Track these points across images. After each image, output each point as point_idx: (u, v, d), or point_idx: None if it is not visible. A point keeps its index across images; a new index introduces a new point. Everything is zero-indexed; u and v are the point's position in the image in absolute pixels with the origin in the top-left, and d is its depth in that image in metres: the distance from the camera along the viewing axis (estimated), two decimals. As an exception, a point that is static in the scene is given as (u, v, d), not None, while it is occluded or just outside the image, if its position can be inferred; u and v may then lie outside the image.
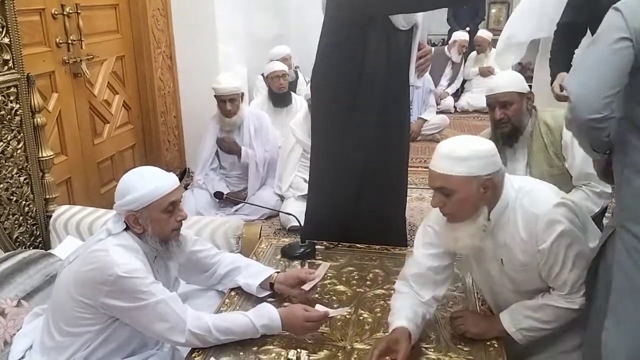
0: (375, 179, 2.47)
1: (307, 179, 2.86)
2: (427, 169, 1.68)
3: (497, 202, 1.65)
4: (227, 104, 3.68)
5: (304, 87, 4.93)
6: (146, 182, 1.68)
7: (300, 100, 4.31)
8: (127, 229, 1.72)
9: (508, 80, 2.46)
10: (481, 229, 1.63)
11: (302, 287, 1.89)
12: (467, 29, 7.13)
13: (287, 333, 1.72)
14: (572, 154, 2.35)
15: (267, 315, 1.72)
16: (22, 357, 1.75)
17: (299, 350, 1.63)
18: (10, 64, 2.34)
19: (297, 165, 3.77)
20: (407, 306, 1.68)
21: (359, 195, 2.49)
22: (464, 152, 1.57)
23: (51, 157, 2.56)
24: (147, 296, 1.61)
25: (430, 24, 7.76)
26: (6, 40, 2.29)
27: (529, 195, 1.65)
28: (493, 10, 8.84)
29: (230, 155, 3.87)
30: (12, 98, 2.35)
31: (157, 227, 1.71)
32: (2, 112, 2.31)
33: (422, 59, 2.57)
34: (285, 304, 1.89)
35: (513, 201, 1.65)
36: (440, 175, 1.59)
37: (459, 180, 1.56)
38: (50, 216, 2.56)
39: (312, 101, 2.63)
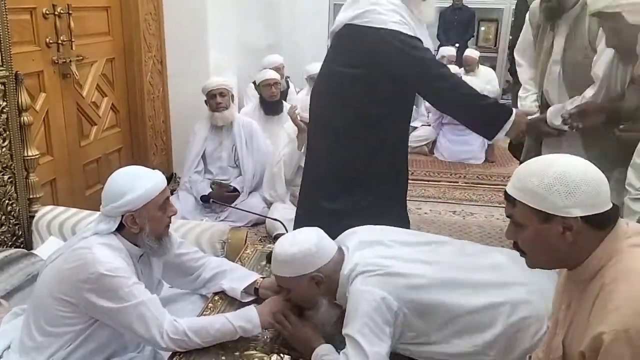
0: (374, 191, 2.39)
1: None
2: (416, 182, 1.71)
3: None
4: (217, 97, 3.70)
5: (294, 97, 4.95)
6: (142, 182, 1.68)
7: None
8: (115, 230, 1.70)
9: None
10: None
11: None
12: (457, 45, 7.20)
13: (270, 336, 1.71)
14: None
15: (245, 315, 1.72)
16: (0, 357, 1.72)
17: (281, 355, 1.62)
18: (-1, 61, 2.32)
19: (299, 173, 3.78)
20: None
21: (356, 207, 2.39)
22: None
23: (36, 156, 2.54)
24: (128, 297, 1.60)
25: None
26: (-5, 37, 2.28)
27: None
28: (482, 28, 8.93)
29: (219, 159, 3.87)
30: (-1, 95, 2.34)
31: (154, 225, 1.72)
32: (-11, 110, 2.29)
33: None
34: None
35: None
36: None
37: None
38: (34, 216, 2.53)
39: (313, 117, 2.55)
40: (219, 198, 3.63)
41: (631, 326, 1.05)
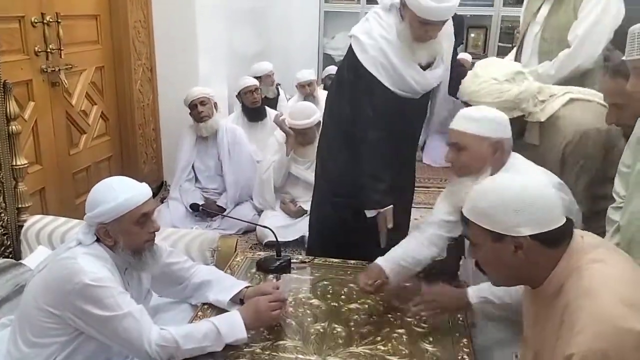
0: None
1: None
2: (421, 189, 1.77)
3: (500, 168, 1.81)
4: (199, 106, 3.70)
5: (284, 104, 4.95)
6: (117, 194, 1.65)
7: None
8: (98, 240, 1.69)
9: None
10: None
11: None
12: (447, 51, 7.26)
13: (261, 347, 1.70)
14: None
15: (229, 319, 1.72)
16: (-13, 369, 1.71)
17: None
18: (-14, 70, 2.31)
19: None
20: (399, 249, 1.99)
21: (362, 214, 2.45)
22: (477, 114, 1.82)
23: (25, 165, 2.52)
24: (113, 307, 1.58)
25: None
26: (-17, 46, 2.27)
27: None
28: (472, 35, 8.99)
29: (206, 168, 3.87)
30: (-13, 104, 2.33)
31: (128, 240, 1.68)
32: (-24, 119, 2.28)
33: None
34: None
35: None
36: (455, 132, 1.83)
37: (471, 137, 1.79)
38: (22, 226, 2.51)
39: (323, 127, 2.69)
40: (209, 207, 3.63)
41: (599, 347, 1.06)
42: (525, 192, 1.24)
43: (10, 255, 2.46)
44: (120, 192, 1.66)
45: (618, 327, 1.06)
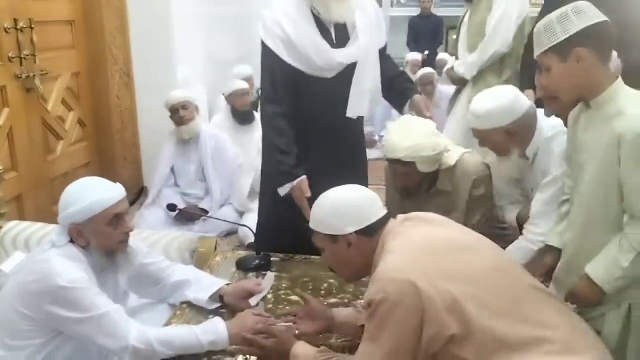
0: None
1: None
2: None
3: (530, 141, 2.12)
4: (180, 110, 3.69)
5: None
6: (89, 194, 1.64)
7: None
8: (72, 241, 1.68)
9: None
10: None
11: (249, 301, 1.88)
12: (426, 52, 7.30)
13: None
14: None
15: (214, 330, 1.67)
16: (-36, 374, 1.68)
17: (248, 357, 1.61)
18: (-41, 76, 2.29)
19: None
20: None
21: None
22: (482, 111, 2.08)
23: (0, 171, 2.50)
24: (90, 308, 1.57)
25: (391, 49, 7.89)
26: (-46, 52, 2.25)
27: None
28: (454, 37, 9.06)
29: (187, 173, 3.86)
30: (-40, 110, 2.31)
31: (101, 240, 1.67)
32: (-51, 125, 2.26)
33: None
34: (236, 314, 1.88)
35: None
36: (473, 130, 2.16)
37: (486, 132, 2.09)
38: (-2, 232, 2.49)
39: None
40: (190, 210, 3.62)
41: (387, 292, 1.30)
42: (347, 199, 1.52)
43: (-13, 262, 2.43)
44: (93, 192, 1.65)
45: (396, 278, 1.32)
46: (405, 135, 2.17)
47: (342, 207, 1.51)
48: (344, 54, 2.32)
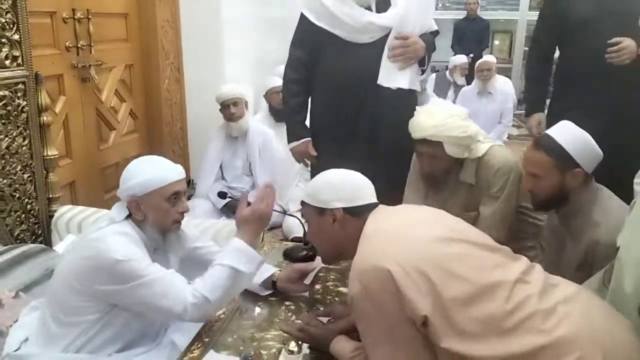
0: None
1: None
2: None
3: None
4: (231, 107, 3.70)
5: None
6: (150, 170, 1.67)
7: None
8: (128, 217, 1.70)
9: None
10: None
11: (304, 282, 1.87)
12: (471, 55, 7.17)
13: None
14: None
15: (235, 251, 1.69)
16: (18, 349, 1.71)
17: (299, 342, 1.60)
18: (20, 60, 2.36)
19: (297, 178, 3.78)
20: None
21: None
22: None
23: (55, 156, 2.56)
24: (147, 273, 1.58)
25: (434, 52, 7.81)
26: (16, 37, 2.32)
27: None
28: (496, 42, 8.91)
29: (234, 167, 3.88)
30: (19, 95, 2.37)
31: (157, 216, 1.69)
32: (9, 108, 2.33)
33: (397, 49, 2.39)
34: (287, 302, 1.88)
35: None
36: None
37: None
38: (53, 215, 2.54)
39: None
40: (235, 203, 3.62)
41: (364, 284, 1.31)
42: (342, 176, 1.59)
43: (41, 244, 2.49)
44: (154, 168, 1.68)
45: (369, 267, 1.32)
46: (432, 114, 2.11)
47: (336, 182, 1.57)
48: (378, 16, 2.36)
